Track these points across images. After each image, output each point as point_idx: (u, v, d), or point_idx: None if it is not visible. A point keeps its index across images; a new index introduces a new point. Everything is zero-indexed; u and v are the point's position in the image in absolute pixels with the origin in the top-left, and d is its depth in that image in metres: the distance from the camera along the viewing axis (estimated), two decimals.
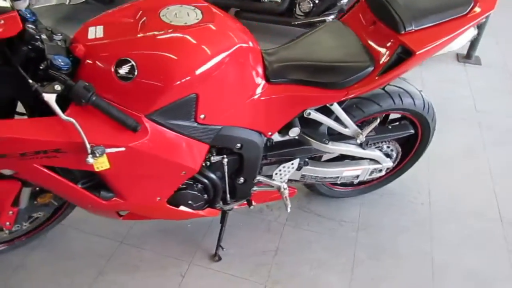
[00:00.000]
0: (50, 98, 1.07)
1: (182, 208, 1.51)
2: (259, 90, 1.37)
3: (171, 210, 1.49)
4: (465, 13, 1.41)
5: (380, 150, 1.80)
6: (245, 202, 1.70)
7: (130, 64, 1.14)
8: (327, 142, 1.60)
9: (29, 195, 1.47)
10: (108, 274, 1.73)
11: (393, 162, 1.89)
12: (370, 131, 1.65)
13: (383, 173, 1.86)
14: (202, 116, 1.29)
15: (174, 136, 1.27)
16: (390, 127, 1.76)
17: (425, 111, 1.73)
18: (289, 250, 1.87)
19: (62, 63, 1.12)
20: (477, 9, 1.41)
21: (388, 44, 1.40)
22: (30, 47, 1.13)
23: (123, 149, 1.18)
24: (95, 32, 1.21)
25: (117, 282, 1.70)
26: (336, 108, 1.50)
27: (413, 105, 1.68)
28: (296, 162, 1.62)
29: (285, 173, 1.64)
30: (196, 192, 1.50)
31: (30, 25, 1.14)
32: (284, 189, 1.66)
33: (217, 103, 1.30)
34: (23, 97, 1.32)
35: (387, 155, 1.82)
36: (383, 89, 1.63)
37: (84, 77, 1.14)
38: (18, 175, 1.28)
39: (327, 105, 1.48)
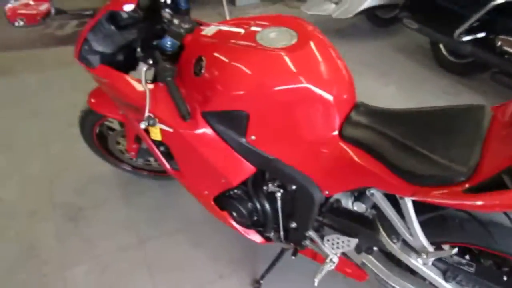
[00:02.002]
0: (141, 68, 1.33)
1: (226, 214, 1.55)
2: (323, 140, 1.22)
3: (215, 209, 1.55)
4: None
5: None
6: (293, 248, 1.56)
7: (202, 61, 1.26)
8: (395, 241, 1.26)
9: None
10: None
11: None
12: (458, 263, 1.18)
13: None
14: (253, 137, 1.28)
15: (219, 142, 1.32)
16: (504, 278, 1.19)
17: None
18: None
19: (168, 45, 1.36)
20: None
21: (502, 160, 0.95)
22: (159, 25, 1.41)
23: (171, 129, 1.34)
24: (209, 31, 1.37)
25: None
26: (405, 204, 1.15)
27: None
28: (353, 241, 1.35)
29: (337, 245, 1.40)
30: (241, 208, 1.50)
31: (168, 11, 1.42)
32: (332, 261, 1.41)
33: (270, 131, 1.25)
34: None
35: None
36: None
37: (179, 63, 1.35)
38: None
39: (396, 196, 1.16)
